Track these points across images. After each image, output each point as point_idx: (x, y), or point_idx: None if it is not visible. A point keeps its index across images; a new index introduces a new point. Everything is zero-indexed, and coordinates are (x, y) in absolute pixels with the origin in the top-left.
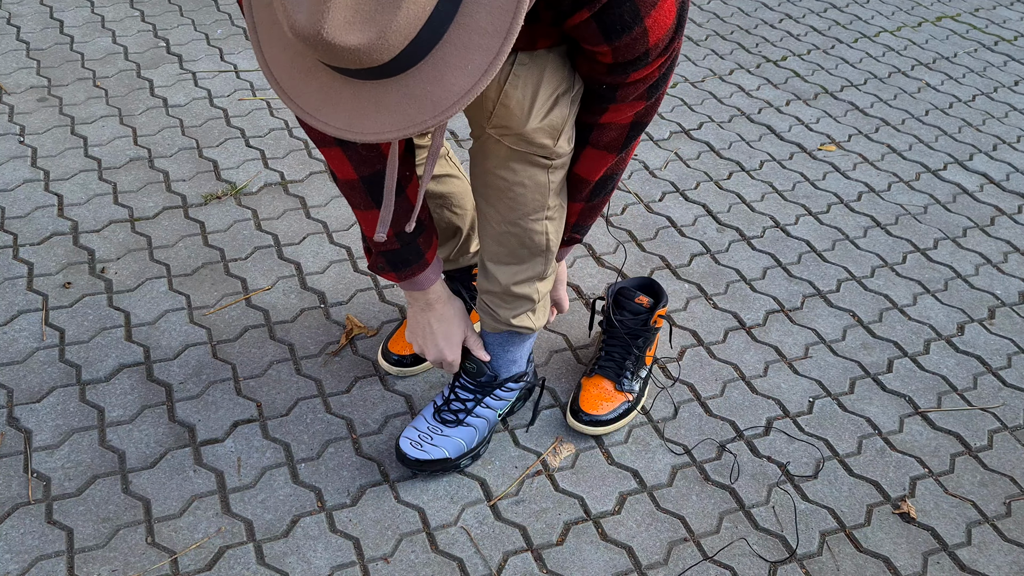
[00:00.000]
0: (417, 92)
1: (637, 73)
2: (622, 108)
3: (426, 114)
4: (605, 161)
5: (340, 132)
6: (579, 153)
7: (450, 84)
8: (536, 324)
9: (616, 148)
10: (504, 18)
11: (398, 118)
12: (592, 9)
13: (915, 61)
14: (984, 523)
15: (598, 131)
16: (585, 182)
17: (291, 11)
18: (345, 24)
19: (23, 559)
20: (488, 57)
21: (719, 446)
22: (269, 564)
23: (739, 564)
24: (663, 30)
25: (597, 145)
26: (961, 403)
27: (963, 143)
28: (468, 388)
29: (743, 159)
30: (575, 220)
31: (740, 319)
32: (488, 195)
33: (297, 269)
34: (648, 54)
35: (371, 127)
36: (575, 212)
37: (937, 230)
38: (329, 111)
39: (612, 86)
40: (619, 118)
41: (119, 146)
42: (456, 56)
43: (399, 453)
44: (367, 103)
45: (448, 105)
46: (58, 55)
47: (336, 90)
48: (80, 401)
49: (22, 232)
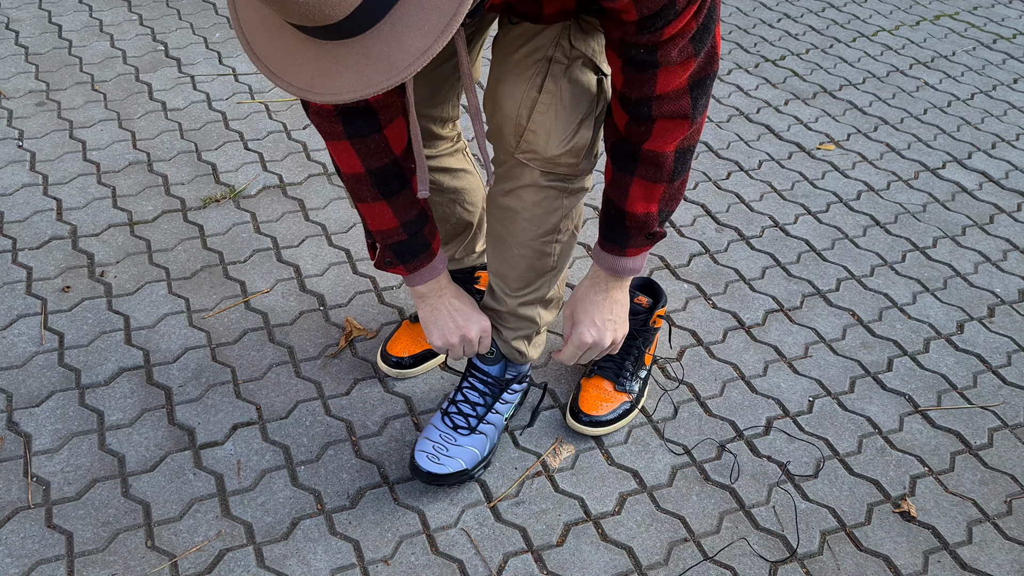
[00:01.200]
0: (375, 52)
1: (670, 27)
2: (673, 71)
3: (384, 74)
4: (680, 130)
5: (302, 92)
6: (650, 129)
7: (407, 45)
8: (531, 355)
9: (685, 116)
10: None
11: (356, 79)
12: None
13: (913, 60)
14: (985, 521)
15: (658, 102)
16: (662, 155)
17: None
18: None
19: (23, 563)
20: (445, 17)
21: (719, 446)
22: (269, 567)
23: (740, 564)
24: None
25: (664, 115)
26: (961, 401)
27: (962, 141)
28: (476, 389)
29: (742, 159)
30: (656, 208)
31: (739, 319)
32: (504, 217)
33: (296, 271)
34: (674, 3)
35: (331, 87)
36: (656, 197)
37: (936, 228)
38: (293, 72)
39: (650, 48)
40: (674, 82)
41: (118, 150)
42: (413, 16)
43: (415, 467)
44: (328, 63)
45: (404, 66)
46: (56, 59)
47: (301, 51)
48: (79, 405)
49: (21, 236)
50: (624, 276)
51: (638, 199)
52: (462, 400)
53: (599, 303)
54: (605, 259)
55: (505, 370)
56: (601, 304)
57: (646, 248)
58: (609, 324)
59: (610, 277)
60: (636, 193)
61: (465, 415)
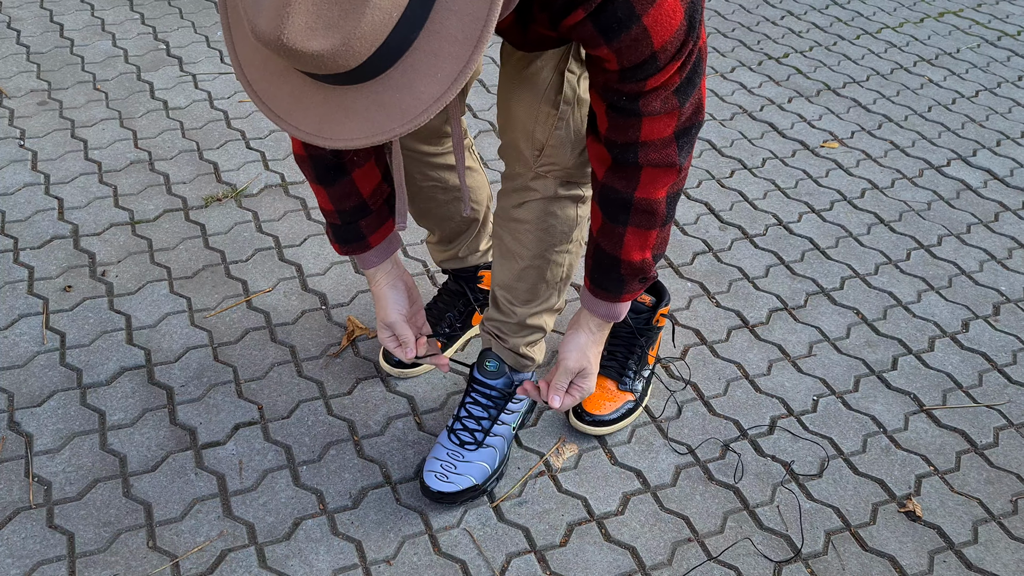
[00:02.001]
0: (386, 99)
1: (652, 80)
2: (657, 120)
3: (395, 122)
4: (668, 178)
5: (310, 137)
6: (637, 176)
7: (420, 92)
8: (538, 359)
9: (671, 163)
10: (475, 26)
11: (367, 125)
12: (588, 9)
13: (918, 57)
14: (991, 521)
15: (643, 149)
16: (654, 202)
17: (252, 16)
18: (306, 30)
19: (24, 564)
20: (458, 65)
21: (723, 445)
22: (271, 567)
23: (743, 564)
24: (668, 31)
25: (649, 163)
26: (966, 400)
27: (966, 139)
28: (479, 404)
29: (745, 157)
30: (651, 253)
31: (743, 317)
32: (517, 230)
33: (298, 271)
34: (656, 58)
35: (340, 133)
36: (650, 244)
37: (941, 226)
38: (299, 116)
39: (632, 96)
40: (659, 131)
41: (119, 149)
42: (426, 64)
43: (424, 488)
44: (336, 109)
45: (417, 113)
46: (58, 58)
47: (307, 95)
48: (81, 405)
49: (23, 236)
50: (610, 321)
51: (633, 248)
52: (466, 416)
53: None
54: (599, 307)
55: (511, 384)
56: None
57: (640, 291)
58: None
59: (603, 323)
60: (631, 242)
61: (471, 430)
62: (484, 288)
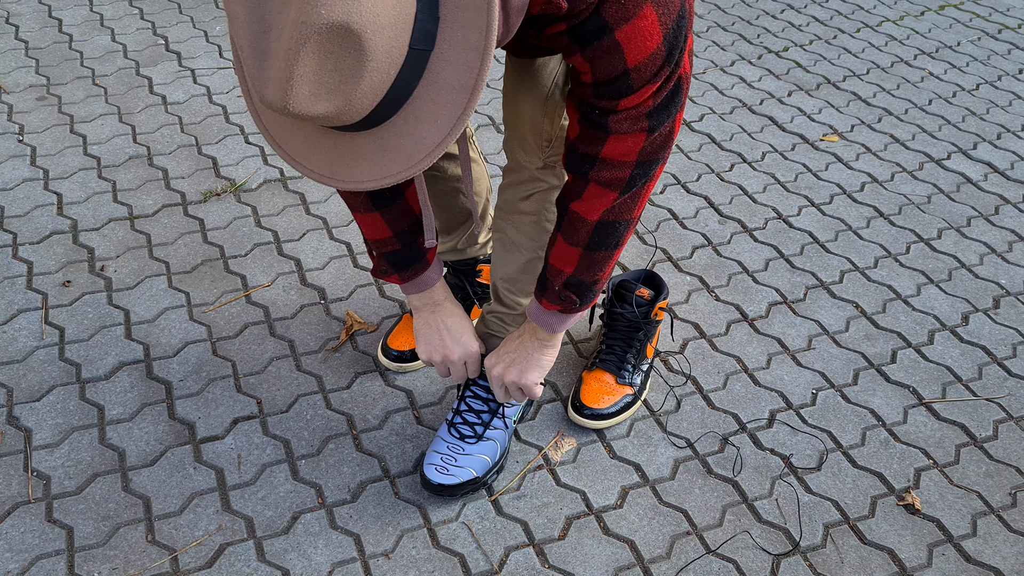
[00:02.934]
0: (391, 145)
1: (626, 100)
2: (622, 140)
3: (400, 166)
4: (606, 199)
5: (323, 179)
6: (581, 188)
7: (421, 137)
8: None
9: (618, 186)
10: (470, 75)
11: (375, 169)
12: (569, 23)
13: (918, 50)
14: (990, 514)
15: (599, 165)
16: (583, 220)
17: (258, 87)
18: (310, 96)
19: (23, 558)
20: (457, 111)
21: (722, 439)
22: (270, 561)
23: (742, 557)
24: (643, 52)
25: (598, 180)
26: (966, 393)
27: (967, 132)
28: (479, 397)
29: (745, 150)
30: (571, 270)
31: (742, 311)
32: (521, 223)
33: (297, 265)
34: (629, 75)
35: (351, 176)
36: (572, 260)
37: (941, 220)
38: (313, 159)
39: (603, 112)
40: (620, 151)
41: (118, 144)
42: (426, 111)
43: (425, 480)
44: (346, 154)
45: (420, 158)
46: (57, 53)
47: (319, 140)
48: (80, 399)
49: (21, 231)
50: (537, 323)
51: (557, 255)
52: (466, 410)
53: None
54: (531, 300)
55: None
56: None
57: (556, 308)
58: (505, 358)
59: (531, 323)
60: (557, 248)
61: (471, 424)
62: (482, 282)
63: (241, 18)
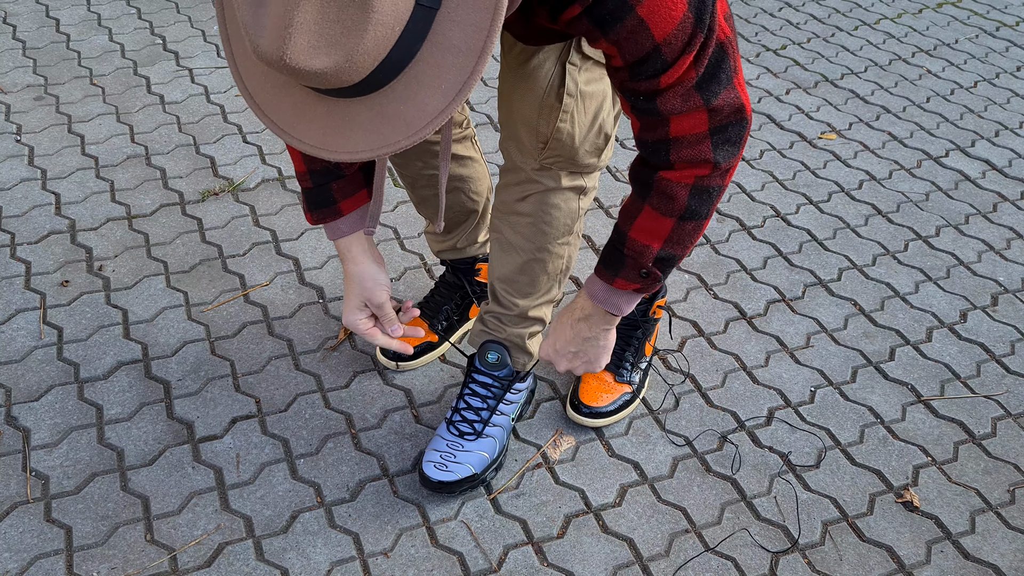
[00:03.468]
0: (390, 111)
1: (666, 76)
2: (683, 118)
3: (399, 134)
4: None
5: (314, 150)
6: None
7: (423, 104)
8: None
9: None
10: (478, 36)
11: (372, 137)
12: (584, 3)
13: (916, 48)
14: (988, 511)
15: (676, 146)
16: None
17: (253, 35)
18: (309, 48)
19: (22, 558)
20: (463, 76)
21: (720, 437)
22: (269, 560)
23: (741, 555)
24: (669, 24)
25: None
26: (964, 391)
27: (965, 130)
28: (478, 395)
29: None
30: (660, 244)
31: (741, 309)
32: (518, 224)
33: (295, 264)
34: (660, 51)
35: (344, 145)
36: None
37: (939, 217)
38: (303, 128)
39: (648, 95)
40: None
41: (116, 144)
42: (429, 75)
43: (424, 478)
44: (340, 121)
45: (421, 125)
46: (54, 53)
47: (310, 107)
48: (78, 399)
49: (19, 231)
50: (603, 307)
51: (643, 229)
52: (465, 407)
53: (563, 327)
54: (592, 283)
55: (512, 374)
56: (564, 331)
57: (635, 286)
58: (568, 355)
59: (588, 305)
60: (643, 222)
61: (469, 421)
62: (481, 281)
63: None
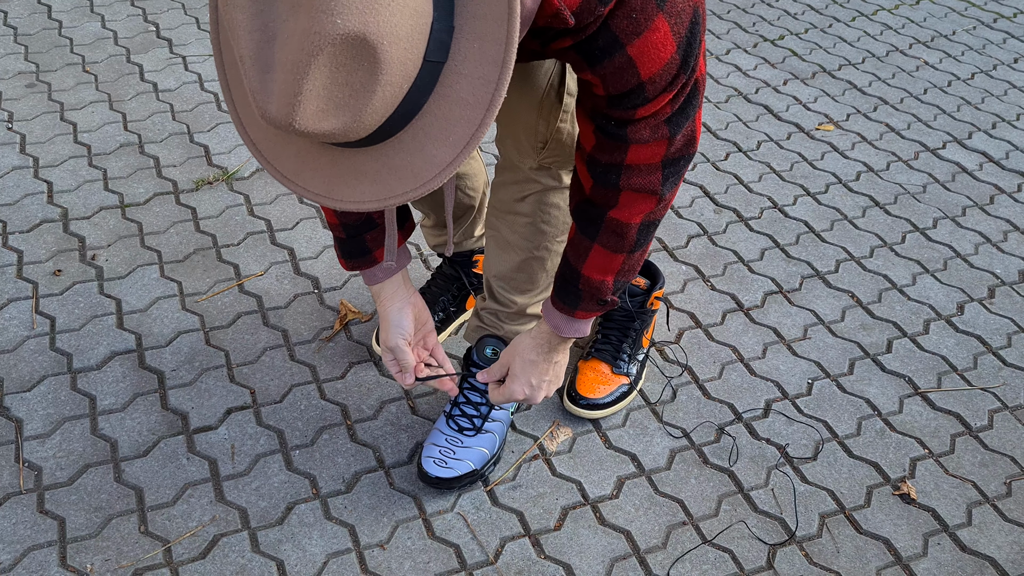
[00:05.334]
0: (397, 163)
1: (643, 109)
2: (644, 148)
3: (407, 185)
4: (646, 204)
5: (319, 198)
6: (613, 197)
7: (431, 155)
8: None
9: (654, 191)
10: (487, 89)
11: (379, 188)
12: (576, 38)
13: (913, 39)
14: (985, 503)
15: (627, 173)
16: (627, 226)
17: (261, 102)
18: (318, 113)
19: (15, 549)
20: (470, 129)
21: (718, 429)
22: (264, 552)
23: (738, 547)
24: (657, 64)
25: (631, 187)
26: (961, 383)
27: (962, 121)
28: (477, 390)
29: (740, 139)
30: (612, 278)
31: (738, 301)
32: (516, 223)
33: (290, 254)
34: (643, 88)
35: (351, 195)
36: (614, 267)
37: (936, 209)
38: (307, 176)
39: (620, 122)
40: (645, 157)
41: (109, 132)
42: (437, 128)
43: (422, 473)
44: (346, 171)
45: (430, 177)
46: (46, 40)
47: (313, 156)
48: (71, 389)
49: (11, 219)
50: (568, 335)
51: (595, 266)
52: (464, 402)
53: (538, 364)
54: (553, 316)
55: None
56: (539, 365)
57: (595, 313)
58: (544, 384)
59: (553, 336)
60: (594, 260)
61: (469, 416)
62: (479, 272)
63: (242, 25)
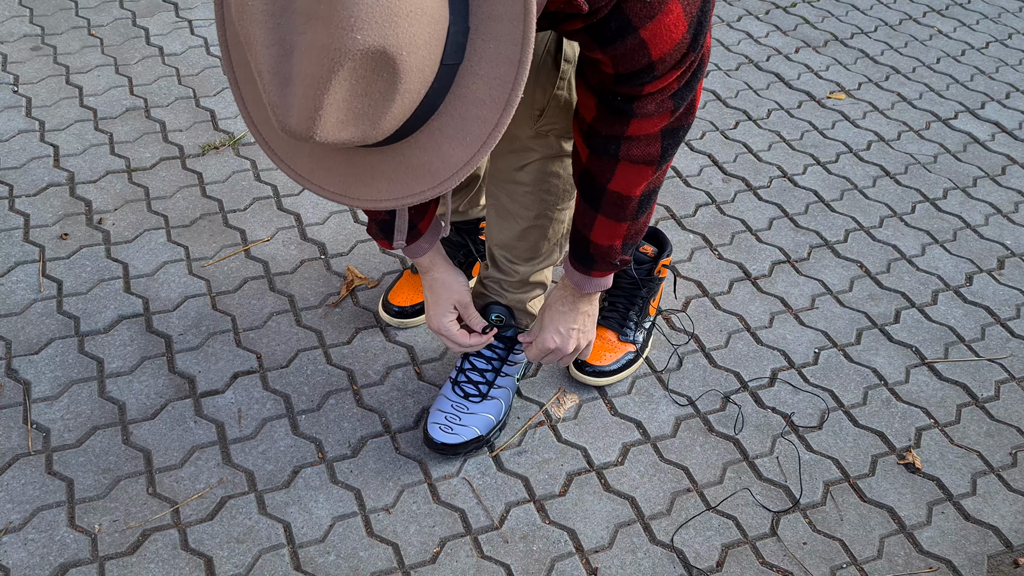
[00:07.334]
0: (414, 162)
1: (650, 86)
2: (647, 120)
3: (424, 184)
4: (643, 176)
5: (335, 196)
6: (613, 169)
7: (448, 155)
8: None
9: (652, 162)
10: (503, 89)
11: (395, 187)
12: (587, 21)
13: (927, 8)
14: (989, 473)
15: (627, 144)
16: (627, 198)
17: (281, 115)
18: (338, 124)
19: (24, 509)
20: (487, 128)
21: (723, 397)
22: (271, 514)
23: (742, 514)
24: (668, 44)
25: (630, 158)
26: (968, 354)
27: (975, 91)
28: (483, 356)
29: (750, 108)
30: (620, 242)
31: (746, 270)
32: (516, 192)
33: (297, 220)
34: (653, 67)
35: (367, 193)
36: (620, 233)
37: (947, 180)
38: (323, 175)
39: (627, 98)
40: (647, 128)
41: (115, 96)
42: (453, 127)
43: (428, 439)
44: (362, 170)
45: (447, 177)
46: (52, 3)
47: (328, 156)
48: (79, 352)
49: (18, 183)
50: (591, 290)
51: (602, 234)
52: (470, 368)
53: (565, 313)
54: (573, 275)
55: (516, 335)
56: (567, 315)
57: (611, 272)
58: (574, 333)
59: (576, 292)
60: (600, 228)
61: (475, 383)
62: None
63: (259, 39)
